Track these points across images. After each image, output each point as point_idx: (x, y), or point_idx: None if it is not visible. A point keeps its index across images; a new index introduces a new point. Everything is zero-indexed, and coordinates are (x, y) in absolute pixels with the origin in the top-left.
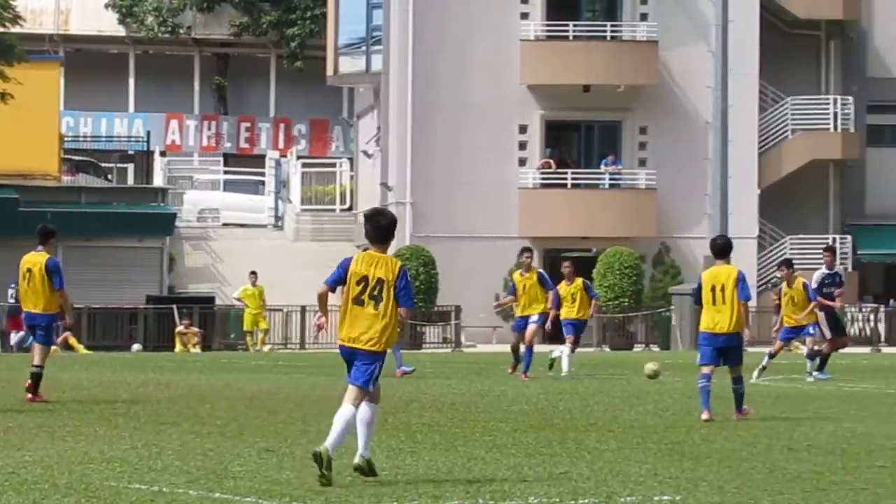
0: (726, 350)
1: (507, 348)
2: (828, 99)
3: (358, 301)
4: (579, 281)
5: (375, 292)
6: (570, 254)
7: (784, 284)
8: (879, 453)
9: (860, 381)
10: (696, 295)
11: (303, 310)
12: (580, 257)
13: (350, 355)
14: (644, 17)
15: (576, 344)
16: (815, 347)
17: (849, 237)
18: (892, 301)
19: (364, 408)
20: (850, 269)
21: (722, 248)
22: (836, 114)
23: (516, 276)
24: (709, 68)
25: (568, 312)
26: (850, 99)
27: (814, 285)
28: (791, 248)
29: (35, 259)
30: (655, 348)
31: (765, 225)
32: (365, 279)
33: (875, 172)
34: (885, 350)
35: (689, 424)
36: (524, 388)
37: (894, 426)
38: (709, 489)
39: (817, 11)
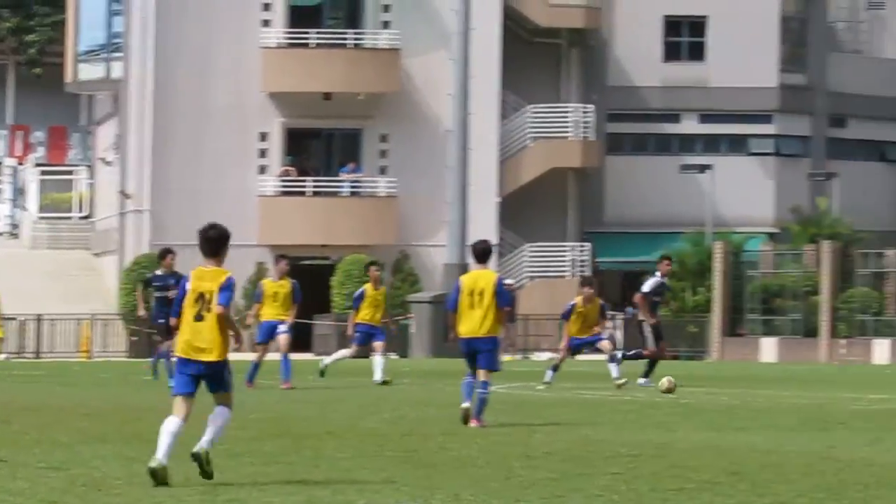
0: (479, 354)
1: (245, 357)
2: (568, 107)
3: (199, 317)
4: (384, 288)
5: (211, 305)
6: (309, 261)
7: (580, 300)
8: (615, 460)
9: (597, 389)
10: (454, 299)
11: (38, 318)
12: (319, 265)
13: (195, 368)
14: (386, 24)
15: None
16: (617, 353)
17: (588, 245)
18: (630, 309)
19: (219, 409)
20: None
21: (482, 252)
22: (576, 122)
23: (267, 282)
24: (450, 76)
25: (371, 317)
26: (591, 107)
27: (646, 289)
28: (530, 256)
29: None
30: (394, 356)
31: (504, 233)
32: (202, 295)
33: (614, 181)
34: None
35: (425, 432)
36: (263, 396)
37: (630, 433)
38: (445, 497)
39: (559, 20)
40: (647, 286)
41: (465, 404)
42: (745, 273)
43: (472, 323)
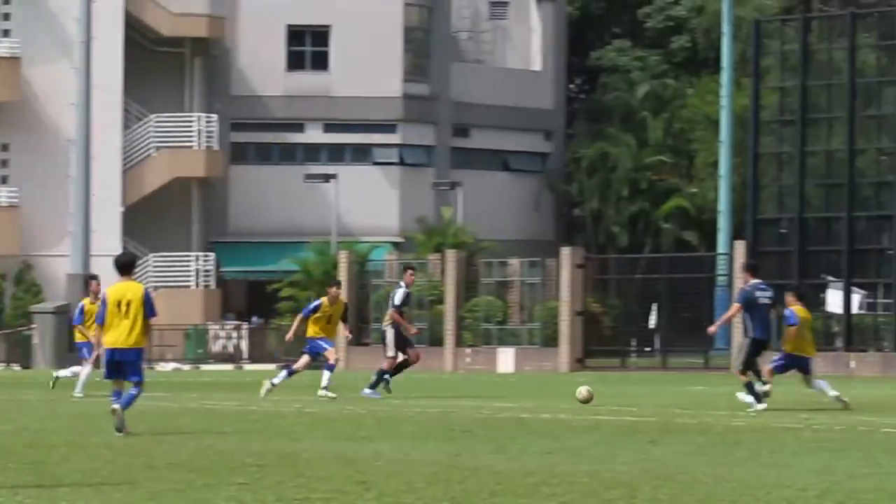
0: (126, 365)
1: None
2: (192, 117)
3: None
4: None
5: None
6: None
7: (326, 300)
8: (240, 470)
9: (222, 399)
10: (101, 313)
11: None
12: None
13: None
14: (6, 33)
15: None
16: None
17: (212, 255)
18: (254, 318)
19: None
20: (213, 287)
21: (126, 265)
22: (199, 131)
23: None
24: (72, 85)
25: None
26: (215, 117)
27: (397, 302)
28: (154, 266)
29: None
30: (17, 367)
31: (128, 242)
32: None
33: (238, 190)
34: (248, 367)
35: (49, 444)
36: None
37: (256, 443)
38: None
39: (182, 29)
40: (397, 299)
41: (116, 405)
42: (371, 282)
43: (120, 334)
